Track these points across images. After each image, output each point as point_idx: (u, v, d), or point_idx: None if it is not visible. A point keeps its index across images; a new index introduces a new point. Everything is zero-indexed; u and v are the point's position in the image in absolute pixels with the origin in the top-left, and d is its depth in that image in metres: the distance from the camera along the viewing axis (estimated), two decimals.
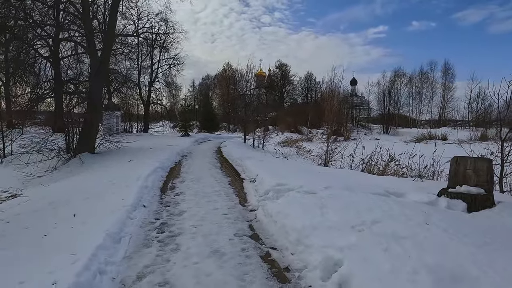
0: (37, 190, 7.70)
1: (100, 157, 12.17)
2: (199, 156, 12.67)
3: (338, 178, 6.70)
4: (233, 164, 10.02)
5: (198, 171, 8.66)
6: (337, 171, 8.98)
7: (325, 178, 6.46)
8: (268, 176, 6.59)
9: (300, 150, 24.59)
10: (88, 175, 8.77)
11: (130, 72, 28.49)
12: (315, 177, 6.78)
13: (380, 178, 7.70)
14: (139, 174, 6.93)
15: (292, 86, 68.81)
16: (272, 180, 5.95)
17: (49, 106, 18.54)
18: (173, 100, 35.90)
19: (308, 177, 6.61)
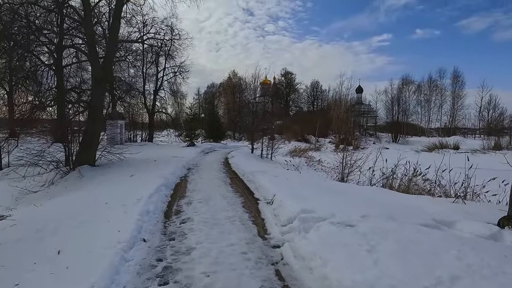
0: (27, 211, 6.87)
1: (101, 170, 11.37)
2: (206, 169, 11.81)
3: (369, 201, 5.79)
4: (244, 180, 9.15)
5: (206, 188, 7.79)
6: (361, 189, 8.05)
7: (354, 201, 5.56)
8: (288, 197, 5.71)
9: (309, 160, 23.66)
10: (85, 192, 7.94)
11: (134, 80, 27.97)
12: (342, 198, 5.88)
13: (413, 198, 6.77)
14: (140, 195, 6.07)
15: (298, 94, 68.29)
16: (295, 204, 5.07)
17: (52, 115, 17.98)
18: (178, 109, 35.32)
19: (334, 199, 5.72)
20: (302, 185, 7.64)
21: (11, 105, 17.72)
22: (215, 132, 34.49)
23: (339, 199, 5.75)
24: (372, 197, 6.42)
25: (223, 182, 8.80)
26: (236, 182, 8.99)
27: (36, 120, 15.16)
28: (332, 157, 25.71)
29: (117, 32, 12.41)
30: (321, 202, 5.33)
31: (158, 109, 30.39)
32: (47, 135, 12.52)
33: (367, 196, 6.47)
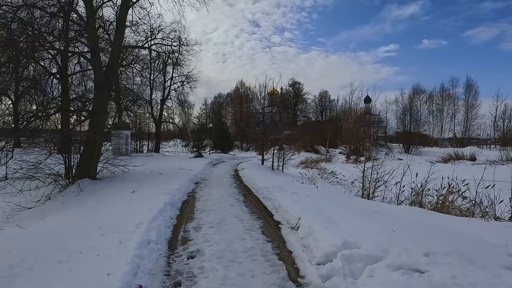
0: (11, 235, 5.94)
1: (102, 184, 10.49)
2: (216, 183, 10.82)
3: (418, 227, 4.75)
4: (259, 197, 8.13)
5: (218, 208, 6.79)
6: (395, 209, 6.97)
7: (401, 228, 4.51)
8: (317, 222, 4.70)
9: (322, 172, 22.55)
10: (79, 212, 7.01)
11: (141, 90, 27.34)
12: (383, 224, 4.83)
13: (463, 222, 5.67)
14: (141, 218, 5.11)
15: (306, 104, 67.52)
16: (329, 234, 4.06)
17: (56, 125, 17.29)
18: (186, 119, 34.65)
19: (375, 225, 4.68)
20: (327, 204, 6.60)
21: (17, 114, 17.15)
22: (223, 142, 33.64)
23: (381, 225, 4.71)
24: (417, 220, 5.36)
25: (235, 200, 7.79)
26: (250, 199, 7.97)
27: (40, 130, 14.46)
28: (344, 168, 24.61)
29: (122, 37, 11.68)
30: (360, 229, 4.31)
31: (165, 119, 29.70)
32: (50, 146, 11.77)
33: (411, 220, 5.42)
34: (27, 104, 17.39)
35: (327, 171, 23.56)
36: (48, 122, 14.88)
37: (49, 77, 17.29)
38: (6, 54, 10.67)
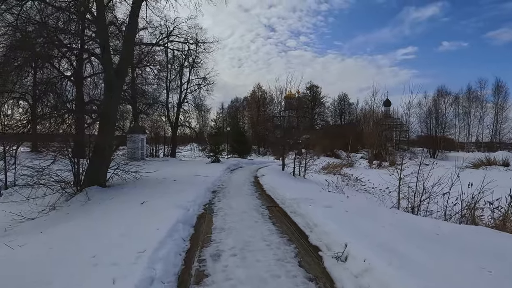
0: None
1: (111, 193, 9.59)
2: (235, 193, 9.73)
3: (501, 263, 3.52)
4: (287, 211, 6.98)
5: (240, 226, 5.68)
6: (460, 230, 5.66)
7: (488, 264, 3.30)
8: (374, 252, 3.55)
9: (346, 178, 21.14)
10: (79, 227, 6.07)
11: (158, 93, 26.72)
12: (462, 257, 3.62)
13: None
14: (146, 243, 4.06)
15: (324, 108, 65.93)
16: (403, 280, 2.90)
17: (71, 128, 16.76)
18: (202, 123, 33.90)
19: (449, 259, 3.49)
20: (371, 223, 5.40)
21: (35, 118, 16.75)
22: (240, 147, 32.60)
23: (459, 260, 3.50)
24: (501, 248, 4.11)
25: (259, 215, 6.66)
26: (276, 214, 6.82)
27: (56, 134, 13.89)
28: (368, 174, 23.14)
29: (135, 32, 10.82)
30: (440, 267, 3.12)
31: (181, 123, 29.01)
32: (63, 150, 11.08)
33: (490, 248, 4.16)
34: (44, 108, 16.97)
35: (351, 178, 22.14)
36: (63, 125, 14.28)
37: (64, 80, 16.84)
38: (23, 56, 10.04)
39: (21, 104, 18.61)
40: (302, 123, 59.47)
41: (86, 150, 10.93)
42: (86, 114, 11.03)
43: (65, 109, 14.57)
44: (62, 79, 16.51)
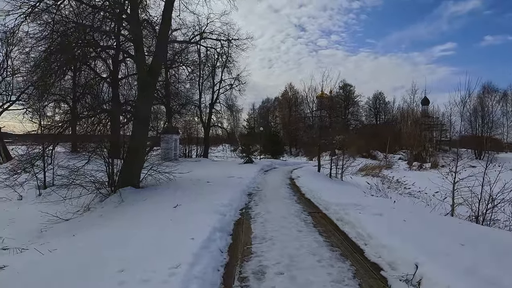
0: (27, 261, 4.77)
1: (144, 194, 9.32)
2: (272, 196, 9.12)
3: None
4: (332, 218, 6.26)
5: (282, 235, 5.04)
6: None
7: None
8: (466, 284, 2.79)
9: (386, 181, 19.92)
10: (111, 231, 5.73)
11: (190, 93, 26.74)
12: None
13: None
14: (180, 256, 3.56)
15: (357, 107, 63.66)
16: None
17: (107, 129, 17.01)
18: (234, 123, 33.67)
19: None
20: (444, 237, 4.58)
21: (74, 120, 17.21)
22: (273, 147, 31.94)
23: None
24: None
25: (302, 222, 6.00)
26: (321, 222, 6.13)
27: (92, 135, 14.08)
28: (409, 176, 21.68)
29: (168, 29, 10.52)
30: None
31: (214, 123, 28.90)
32: (99, 151, 11.11)
33: None
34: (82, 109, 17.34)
35: (391, 180, 20.82)
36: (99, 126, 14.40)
37: (101, 81, 17.09)
38: (62, 60, 10.09)
39: (61, 106, 19.27)
40: (335, 123, 57.84)
41: (121, 151, 10.83)
42: (121, 114, 10.84)
43: (101, 110, 14.73)
44: (99, 80, 16.75)
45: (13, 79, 19.59)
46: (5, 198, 11.00)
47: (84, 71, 16.97)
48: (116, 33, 12.08)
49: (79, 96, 16.26)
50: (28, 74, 11.49)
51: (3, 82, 20.28)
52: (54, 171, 11.94)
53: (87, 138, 12.73)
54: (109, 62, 18.48)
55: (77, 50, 10.50)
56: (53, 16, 9.46)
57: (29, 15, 8.94)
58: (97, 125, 12.78)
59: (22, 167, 11.17)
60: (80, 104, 15.79)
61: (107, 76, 18.17)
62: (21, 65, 13.92)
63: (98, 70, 17.44)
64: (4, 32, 10.59)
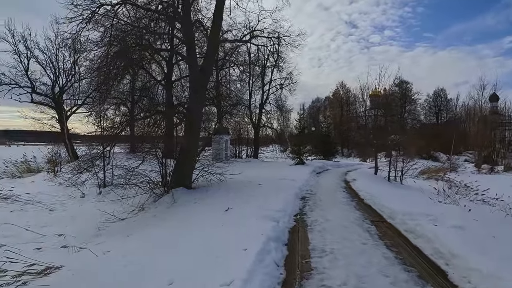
0: (85, 261, 4.75)
1: (196, 195, 9.23)
2: (328, 201, 8.48)
3: None
4: (400, 229, 5.49)
5: (344, 248, 4.47)
6: None
7: None
8: None
9: (453, 185, 17.99)
10: (163, 236, 5.58)
11: (240, 94, 26.81)
12: None
13: None
14: (232, 271, 3.19)
15: (415, 105, 59.40)
16: None
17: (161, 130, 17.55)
18: (284, 123, 33.09)
19: None
20: None
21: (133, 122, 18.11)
22: (325, 148, 30.84)
23: None
24: None
25: (366, 233, 5.33)
26: (388, 233, 5.40)
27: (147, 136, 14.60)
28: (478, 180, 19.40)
29: (219, 28, 10.38)
30: None
31: (263, 124, 28.68)
32: (156, 151, 11.43)
33: None
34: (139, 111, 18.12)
35: (459, 184, 18.77)
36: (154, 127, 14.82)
37: (156, 84, 17.69)
38: (119, 65, 10.48)
39: (121, 109, 20.38)
40: (390, 122, 54.52)
41: (174, 151, 10.93)
42: (174, 115, 10.95)
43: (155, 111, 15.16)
44: (154, 83, 17.34)
45: (79, 85, 21.12)
46: (70, 196, 11.71)
47: (141, 75, 17.76)
48: (170, 34, 12.27)
49: (137, 99, 17.02)
50: (91, 79, 12.19)
51: (71, 88, 21.98)
52: (112, 171, 12.47)
53: (142, 139, 13.16)
54: (163, 65, 19.14)
55: (134, 55, 10.85)
56: (111, 21, 9.80)
57: (89, 21, 9.31)
58: (152, 127, 13.15)
59: (85, 166, 11.80)
60: (137, 106, 16.49)
61: (162, 79, 18.81)
62: (86, 71, 14.84)
63: (153, 73, 18.14)
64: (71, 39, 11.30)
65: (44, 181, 14.47)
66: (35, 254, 5.86)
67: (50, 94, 21.35)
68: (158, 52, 13.07)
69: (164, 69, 19.42)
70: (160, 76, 19.10)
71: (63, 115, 21.23)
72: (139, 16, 10.68)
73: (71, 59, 21.02)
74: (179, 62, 19.37)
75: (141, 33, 10.14)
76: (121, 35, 9.78)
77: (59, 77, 21.55)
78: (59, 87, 21.58)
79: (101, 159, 11.36)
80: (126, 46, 9.87)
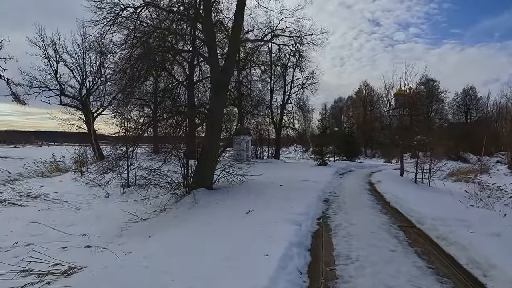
0: (106, 262, 4.76)
1: (217, 196, 9.17)
2: (352, 203, 8.19)
3: None
4: (431, 236, 5.16)
5: (371, 255, 4.23)
6: None
7: None
8: None
9: (486, 188, 17.09)
10: (184, 237, 5.53)
11: (261, 94, 26.70)
12: None
13: None
14: (253, 281, 3.05)
15: (442, 104, 57.14)
16: None
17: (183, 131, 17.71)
18: (306, 124, 32.70)
19: None
20: None
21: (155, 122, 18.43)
22: (348, 148, 30.19)
23: None
24: None
25: (394, 239, 5.05)
26: (417, 240, 5.09)
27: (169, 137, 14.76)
28: None
29: (240, 28, 10.32)
30: None
31: (285, 124, 28.44)
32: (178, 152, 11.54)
33: None
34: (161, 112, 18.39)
35: (492, 187, 17.82)
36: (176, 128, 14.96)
37: (178, 85, 17.89)
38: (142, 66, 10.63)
39: (145, 110, 20.78)
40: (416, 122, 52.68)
41: (196, 152, 10.95)
42: (195, 116, 10.97)
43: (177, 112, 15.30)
44: (177, 84, 17.53)
45: (105, 87, 21.74)
46: (95, 195, 11.98)
47: (164, 77, 18.00)
48: (192, 35, 12.32)
49: (160, 100, 17.26)
50: (116, 81, 12.44)
51: (98, 90, 22.68)
52: (136, 171, 12.66)
53: (164, 140, 13.28)
54: (185, 66, 19.35)
55: (157, 56, 10.98)
56: (134, 23, 9.94)
57: (113, 24, 9.47)
58: (174, 127, 13.27)
59: (109, 166, 12.04)
60: (160, 107, 16.72)
61: (184, 80, 19.00)
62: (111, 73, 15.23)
63: (175, 74, 18.36)
64: (96, 42, 11.58)
65: (71, 181, 14.93)
66: (60, 253, 5.98)
67: (78, 96, 22.14)
68: (180, 53, 13.20)
69: (186, 71, 19.65)
70: (182, 77, 19.33)
71: (89, 116, 21.94)
72: (161, 18, 10.80)
73: (97, 61, 21.73)
74: (201, 63, 19.53)
75: (164, 35, 10.23)
76: (144, 37, 9.90)
77: (86, 80, 22.31)
78: (86, 89, 22.34)
79: (125, 160, 11.53)
80: (149, 48, 9.98)
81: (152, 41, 10.25)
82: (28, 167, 17.44)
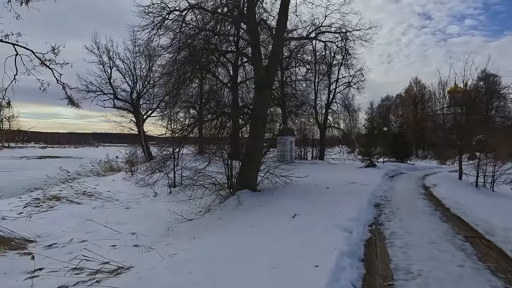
0: (152, 263, 4.76)
1: (261, 198, 9.00)
2: (407, 209, 7.55)
3: None
4: (505, 250, 4.53)
5: (434, 269, 3.74)
6: None
7: None
8: None
9: None
10: (228, 241, 5.41)
11: (305, 94, 26.15)
12: None
13: None
14: None
15: (504, 101, 51.99)
16: None
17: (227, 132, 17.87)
18: (351, 123, 31.48)
19: None
20: None
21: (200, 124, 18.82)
22: (398, 149, 28.55)
23: None
24: None
25: (461, 252, 4.47)
26: (488, 253, 4.46)
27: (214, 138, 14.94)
28: None
29: (284, 26, 10.06)
30: None
31: (330, 124, 27.60)
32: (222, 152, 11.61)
33: None
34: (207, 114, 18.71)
35: None
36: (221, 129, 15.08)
37: (222, 87, 18.06)
38: (188, 69, 10.81)
39: (191, 112, 21.34)
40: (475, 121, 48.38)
41: (240, 153, 10.90)
42: (239, 117, 10.93)
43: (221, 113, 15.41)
44: (221, 86, 17.71)
45: (153, 90, 22.72)
46: (144, 194, 12.42)
47: (208, 79, 18.30)
48: (236, 35, 12.33)
49: (205, 102, 17.56)
50: (163, 84, 12.86)
51: (147, 93, 23.78)
52: (181, 171, 12.93)
53: (208, 141, 13.42)
54: (229, 67, 19.50)
55: (202, 58, 11.10)
56: (180, 26, 10.11)
57: (160, 27, 9.71)
58: (219, 128, 13.35)
59: (157, 166, 12.43)
60: (205, 108, 17.00)
61: (228, 81, 19.17)
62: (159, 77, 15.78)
63: (220, 76, 18.57)
64: (144, 46, 12.02)
65: (123, 180, 15.68)
66: (110, 251, 6.17)
67: (129, 100, 23.36)
68: (224, 54, 13.24)
69: (230, 72, 19.80)
70: (226, 79, 19.50)
71: (139, 118, 23.06)
72: (206, 20, 10.90)
73: (146, 66, 22.78)
74: (244, 64, 19.56)
75: (208, 36, 10.29)
76: (189, 39, 10.05)
77: (136, 84, 23.49)
78: (137, 92, 23.51)
79: (171, 160, 11.81)
80: (194, 50, 10.11)
81: (197, 44, 10.38)
82: (85, 167, 18.65)
